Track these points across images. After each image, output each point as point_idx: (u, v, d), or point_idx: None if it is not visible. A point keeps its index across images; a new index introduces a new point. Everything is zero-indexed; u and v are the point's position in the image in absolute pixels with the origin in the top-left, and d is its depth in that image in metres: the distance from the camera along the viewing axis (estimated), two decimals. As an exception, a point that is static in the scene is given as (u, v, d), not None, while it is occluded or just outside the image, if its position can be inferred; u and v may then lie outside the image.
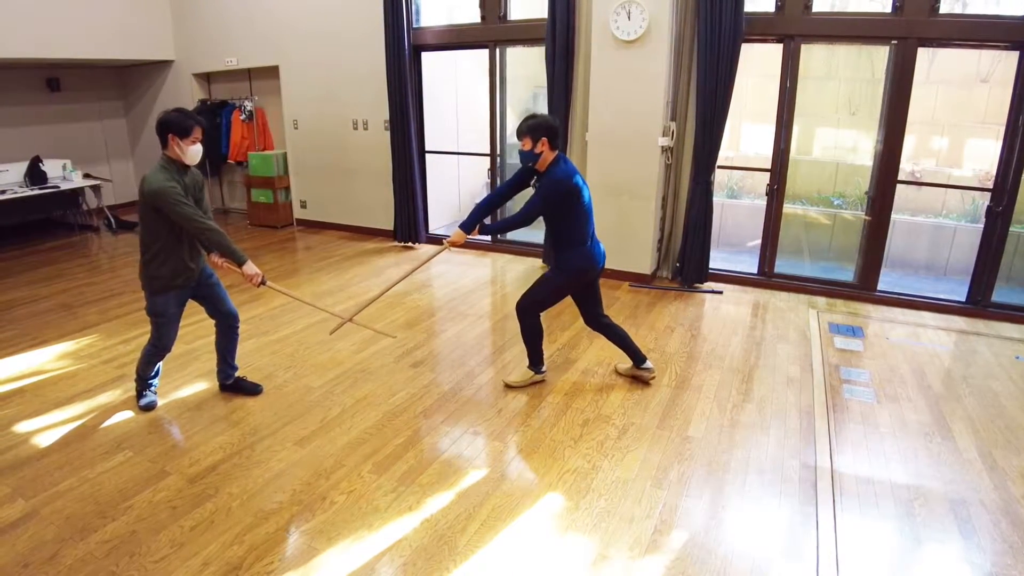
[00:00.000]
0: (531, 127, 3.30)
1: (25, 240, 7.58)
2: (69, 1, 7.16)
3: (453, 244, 3.48)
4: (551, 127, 3.32)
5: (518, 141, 3.36)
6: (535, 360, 3.79)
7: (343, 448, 3.14)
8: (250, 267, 3.23)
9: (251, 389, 3.71)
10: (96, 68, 8.88)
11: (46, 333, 4.65)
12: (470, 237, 3.48)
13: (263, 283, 3.29)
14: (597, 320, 3.76)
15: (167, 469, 2.96)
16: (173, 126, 3.04)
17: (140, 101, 9.25)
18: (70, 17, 7.17)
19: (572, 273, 3.55)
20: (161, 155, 3.13)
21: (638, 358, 3.81)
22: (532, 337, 3.72)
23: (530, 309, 3.63)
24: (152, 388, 3.60)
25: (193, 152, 3.12)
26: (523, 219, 3.36)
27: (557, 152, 3.39)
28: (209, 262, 3.40)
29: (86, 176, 8.09)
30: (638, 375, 3.86)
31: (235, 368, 3.71)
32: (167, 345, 3.43)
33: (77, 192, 8.02)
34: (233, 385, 3.71)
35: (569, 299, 3.77)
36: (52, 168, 7.67)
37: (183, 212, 3.04)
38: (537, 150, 3.31)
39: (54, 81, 8.48)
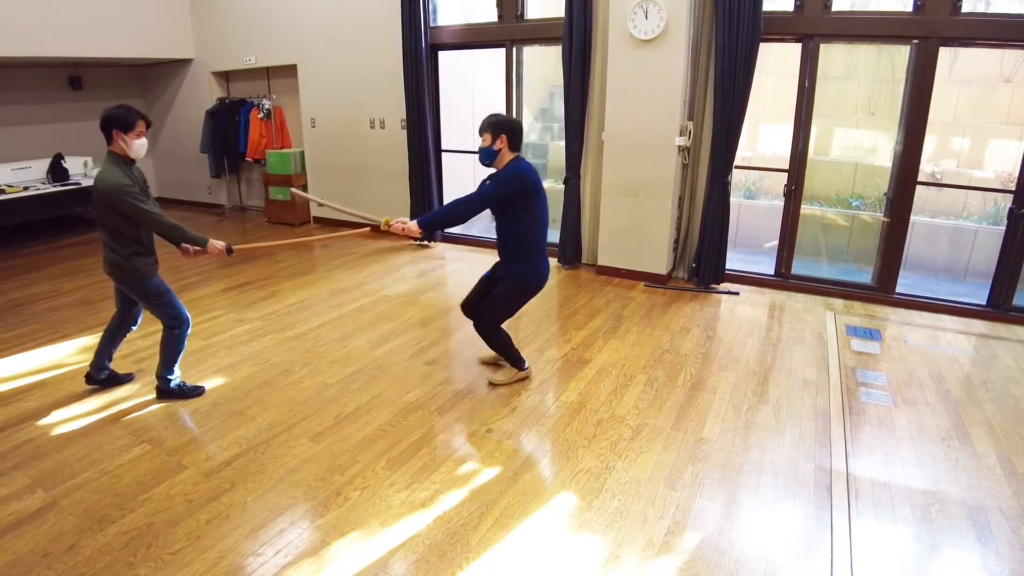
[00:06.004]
0: (492, 123, 3.28)
1: (47, 236, 7.69)
2: (91, 1, 7.26)
3: (402, 231, 3.40)
4: (513, 127, 3.30)
5: (479, 137, 3.34)
6: (514, 360, 3.80)
7: (357, 444, 3.16)
8: (213, 245, 3.33)
9: (124, 379, 3.80)
10: (117, 67, 9.00)
11: (67, 327, 4.72)
12: (415, 239, 3.45)
13: (231, 251, 3.39)
14: (478, 310, 3.74)
15: (184, 463, 3.00)
16: (117, 121, 3.11)
17: (160, 99, 9.36)
18: (92, 17, 7.28)
19: (521, 292, 3.54)
20: (107, 152, 3.17)
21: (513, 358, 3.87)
22: (503, 347, 3.73)
23: (491, 327, 3.63)
24: (178, 376, 3.66)
25: (138, 146, 3.18)
26: (473, 205, 3.29)
27: (517, 154, 3.35)
28: (181, 251, 3.42)
29: (107, 173, 8.19)
30: (499, 363, 3.96)
31: (111, 360, 3.74)
32: (187, 315, 3.51)
33: (98, 189, 8.12)
34: (107, 379, 3.74)
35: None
36: (73, 165, 7.78)
37: (143, 210, 3.13)
38: (496, 147, 3.29)
39: (76, 79, 8.61)
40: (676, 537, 2.52)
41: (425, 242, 7.16)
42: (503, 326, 3.70)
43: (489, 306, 3.61)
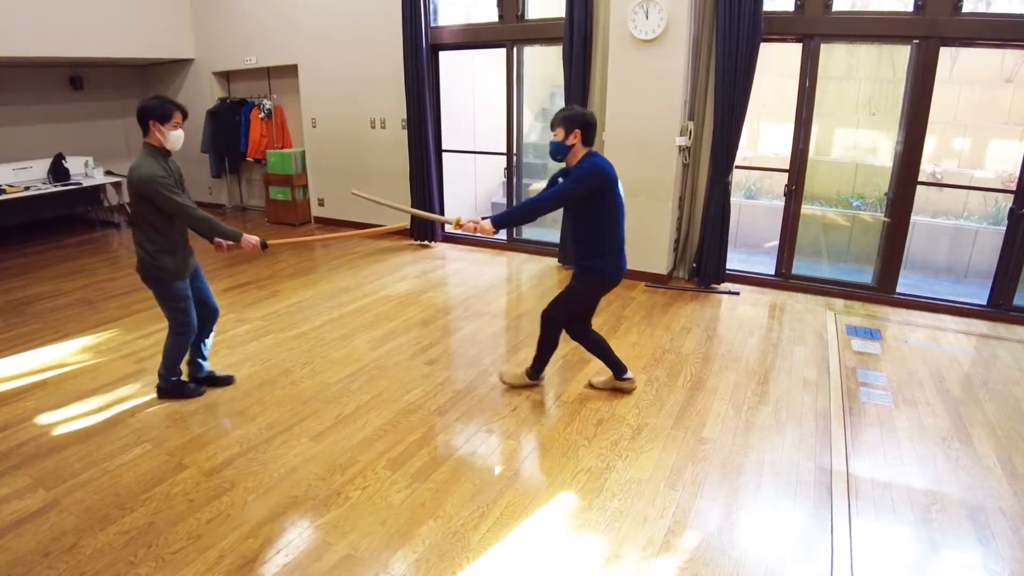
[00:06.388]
0: (565, 117, 3.15)
1: (48, 236, 7.70)
2: (92, 1, 7.27)
3: (473, 230, 3.22)
4: (587, 120, 3.16)
5: (551, 132, 3.20)
6: (538, 368, 3.68)
7: (358, 444, 3.16)
8: (247, 240, 3.31)
9: (224, 381, 3.78)
10: (118, 67, 9.01)
11: (68, 327, 4.72)
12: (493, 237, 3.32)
13: (265, 247, 3.37)
14: (585, 333, 3.61)
15: (185, 462, 3.00)
16: (154, 111, 3.08)
17: (161, 99, 9.36)
18: (93, 17, 7.28)
19: (600, 283, 3.38)
20: (143, 144, 3.15)
21: (619, 369, 3.65)
22: (547, 347, 3.59)
23: (556, 318, 3.48)
24: (181, 376, 3.64)
25: (175, 137, 3.16)
26: (549, 203, 3.16)
27: (590, 148, 3.21)
28: (215, 245, 3.39)
29: (107, 173, 8.20)
30: (618, 387, 3.69)
31: (206, 359, 3.74)
32: (195, 325, 3.48)
33: (99, 189, 8.14)
34: (206, 379, 3.73)
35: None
36: (75, 165, 7.79)
37: (176, 202, 3.09)
38: (569, 142, 3.15)
39: (77, 79, 8.61)
40: (676, 537, 2.52)
41: (426, 242, 7.16)
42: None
43: (563, 296, 3.45)
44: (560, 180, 3.27)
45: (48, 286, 5.75)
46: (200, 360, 3.70)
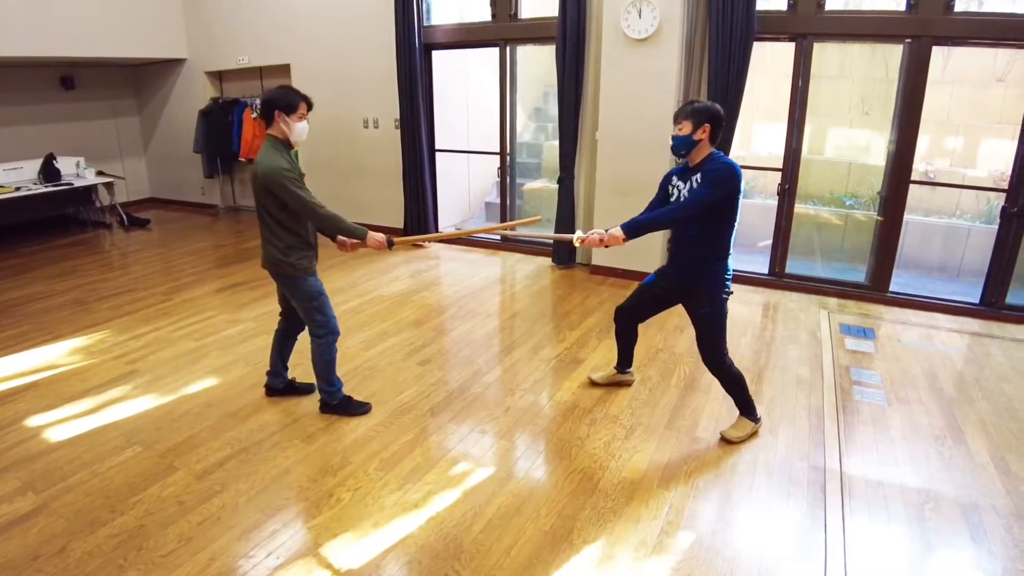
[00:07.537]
0: (695, 110, 2.89)
1: (39, 237, 7.65)
2: (84, 1, 7.22)
3: (600, 243, 3.10)
4: (717, 115, 2.90)
5: (674, 126, 2.96)
6: (747, 408, 3.28)
7: (350, 445, 3.15)
8: (372, 237, 3.14)
9: (305, 389, 3.65)
10: (110, 67, 8.96)
11: (59, 328, 4.69)
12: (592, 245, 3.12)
13: (391, 244, 3.20)
14: (631, 322, 3.51)
15: (175, 464, 2.98)
16: (279, 102, 2.97)
17: (153, 99, 9.33)
18: (84, 16, 7.24)
19: (724, 293, 3.09)
20: (266, 136, 3.03)
21: (628, 363, 3.71)
22: (735, 386, 3.23)
23: (719, 358, 3.17)
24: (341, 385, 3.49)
25: (300, 129, 3.05)
26: (687, 211, 2.93)
27: (714, 148, 2.97)
28: (338, 244, 3.24)
29: (99, 173, 8.15)
30: (619, 380, 3.76)
31: (287, 369, 3.64)
32: (335, 325, 3.32)
33: (90, 189, 8.08)
34: (287, 387, 3.64)
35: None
36: (66, 165, 7.73)
37: (301, 197, 2.95)
38: (697, 136, 2.89)
39: (68, 79, 8.56)
40: (670, 537, 2.52)
41: (420, 242, 7.15)
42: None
43: (706, 336, 3.15)
44: (674, 178, 3.10)
45: (40, 287, 5.71)
46: (284, 370, 3.59)
